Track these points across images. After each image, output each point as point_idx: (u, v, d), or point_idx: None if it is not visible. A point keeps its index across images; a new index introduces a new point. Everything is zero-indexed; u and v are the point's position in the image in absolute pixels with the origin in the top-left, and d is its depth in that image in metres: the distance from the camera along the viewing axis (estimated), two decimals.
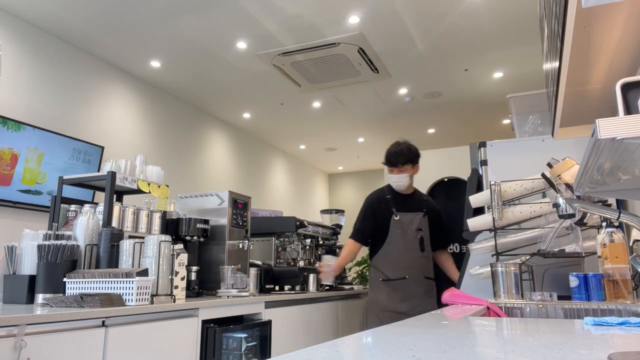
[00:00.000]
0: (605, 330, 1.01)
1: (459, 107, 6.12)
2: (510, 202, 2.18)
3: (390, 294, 2.83)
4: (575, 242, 2.01)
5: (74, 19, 3.95)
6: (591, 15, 1.10)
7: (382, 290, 2.85)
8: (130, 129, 4.96)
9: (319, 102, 5.87)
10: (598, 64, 1.36)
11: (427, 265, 2.93)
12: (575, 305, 1.70)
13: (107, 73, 4.74)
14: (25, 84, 3.94)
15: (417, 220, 2.94)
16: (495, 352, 0.76)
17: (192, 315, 2.26)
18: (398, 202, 2.97)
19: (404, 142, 3.00)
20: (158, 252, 2.16)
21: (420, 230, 2.92)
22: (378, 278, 2.90)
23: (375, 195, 3.06)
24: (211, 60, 4.69)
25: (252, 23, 4.02)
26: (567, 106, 1.62)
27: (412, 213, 2.94)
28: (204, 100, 5.79)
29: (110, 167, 2.52)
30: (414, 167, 2.98)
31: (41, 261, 2.08)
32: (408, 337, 0.93)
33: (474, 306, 1.66)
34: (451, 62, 4.84)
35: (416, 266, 2.87)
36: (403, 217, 2.92)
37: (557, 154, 2.12)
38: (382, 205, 2.96)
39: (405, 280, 2.83)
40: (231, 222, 2.96)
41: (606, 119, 0.74)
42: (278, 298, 2.93)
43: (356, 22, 4.03)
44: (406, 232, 2.90)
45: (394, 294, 2.82)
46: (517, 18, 4.00)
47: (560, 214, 1.88)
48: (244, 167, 6.88)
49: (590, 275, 1.78)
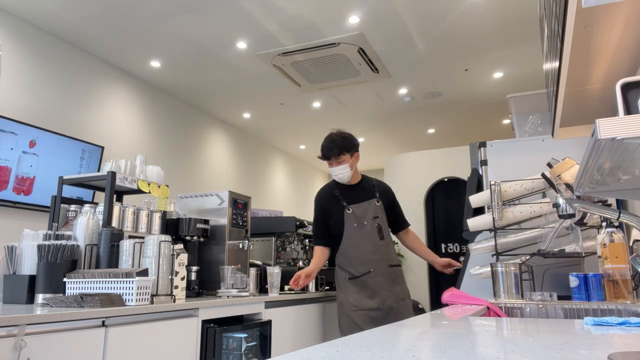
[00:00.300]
0: (605, 330, 1.01)
1: (459, 107, 6.12)
2: (510, 202, 2.18)
3: (359, 292, 2.71)
4: (575, 242, 2.02)
5: (74, 19, 3.95)
6: (591, 15, 1.10)
7: (350, 290, 2.73)
8: (130, 129, 4.96)
9: (319, 102, 5.87)
10: (598, 64, 1.36)
11: (389, 252, 2.80)
12: (575, 305, 1.70)
13: (107, 73, 4.74)
14: (25, 84, 3.94)
15: (372, 208, 2.79)
16: (495, 352, 0.76)
17: (192, 315, 2.26)
18: (347, 194, 2.82)
19: (337, 132, 2.83)
20: (158, 252, 2.16)
21: (377, 217, 2.78)
22: (344, 277, 2.78)
23: (322, 194, 2.92)
24: (211, 60, 4.69)
25: (252, 23, 4.02)
26: (567, 106, 1.63)
27: (364, 202, 2.80)
28: (204, 100, 5.79)
29: (110, 167, 2.52)
30: (353, 156, 2.81)
31: (41, 261, 2.08)
32: (408, 337, 0.93)
33: (474, 306, 1.66)
34: (451, 62, 4.84)
35: (378, 257, 2.74)
36: (356, 209, 2.78)
37: (557, 154, 2.12)
38: (332, 202, 2.83)
39: (371, 273, 2.71)
40: (231, 222, 2.96)
41: (606, 119, 0.74)
42: (278, 298, 2.93)
43: (356, 22, 4.03)
44: (362, 223, 2.76)
45: (362, 291, 2.71)
46: (517, 18, 4.00)
47: (560, 214, 1.88)
48: (244, 167, 6.88)
49: (590, 275, 1.78)
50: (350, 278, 2.76)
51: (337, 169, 2.79)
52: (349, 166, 2.79)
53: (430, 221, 5.79)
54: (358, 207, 2.78)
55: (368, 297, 2.70)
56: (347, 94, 5.61)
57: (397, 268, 2.82)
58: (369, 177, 2.97)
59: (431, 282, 5.61)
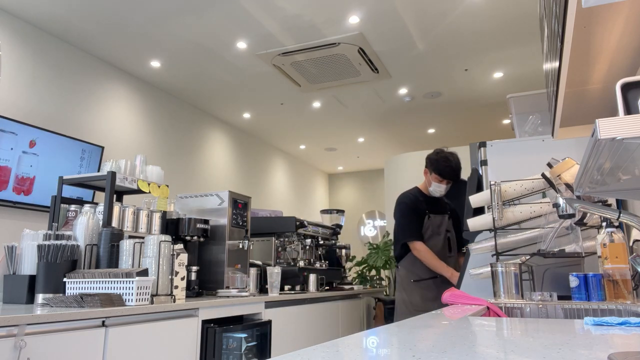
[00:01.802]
0: (605, 330, 1.01)
1: (459, 107, 6.12)
2: (510, 202, 2.18)
3: (423, 295, 2.86)
4: (575, 242, 2.01)
5: (74, 19, 3.95)
6: (591, 15, 1.10)
7: (415, 292, 2.88)
8: (130, 129, 4.96)
9: (319, 102, 5.87)
10: (598, 64, 1.36)
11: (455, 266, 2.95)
12: (575, 305, 1.70)
13: (107, 73, 4.74)
14: (25, 84, 3.94)
15: (445, 221, 3.02)
16: (495, 352, 0.76)
17: (192, 315, 2.26)
18: (429, 203, 3.04)
19: (454, 156, 3.02)
20: (158, 252, 2.16)
21: (448, 231, 3.00)
22: (409, 279, 2.93)
23: (410, 196, 3.10)
24: (211, 60, 4.69)
25: (252, 23, 4.02)
26: (567, 106, 1.62)
27: (440, 215, 3.02)
28: (204, 100, 5.79)
29: (110, 167, 2.52)
30: None
31: (41, 261, 2.08)
32: (408, 337, 0.93)
33: (474, 306, 1.66)
34: (451, 62, 4.84)
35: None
36: (434, 218, 2.99)
37: (557, 154, 2.12)
38: (417, 206, 3.02)
39: (437, 279, 2.86)
40: (231, 222, 2.96)
41: (606, 119, 0.74)
42: (278, 298, 2.93)
43: (356, 22, 4.03)
44: (436, 233, 2.96)
45: (426, 294, 2.85)
46: (517, 18, 4.00)
47: (560, 214, 1.88)
48: (244, 167, 6.88)
49: (590, 275, 1.78)
50: (416, 280, 2.89)
51: (446, 188, 2.97)
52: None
53: None
54: (436, 217, 3.00)
55: (431, 300, 2.81)
56: (347, 94, 5.61)
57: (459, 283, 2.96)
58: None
59: None
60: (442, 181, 2.97)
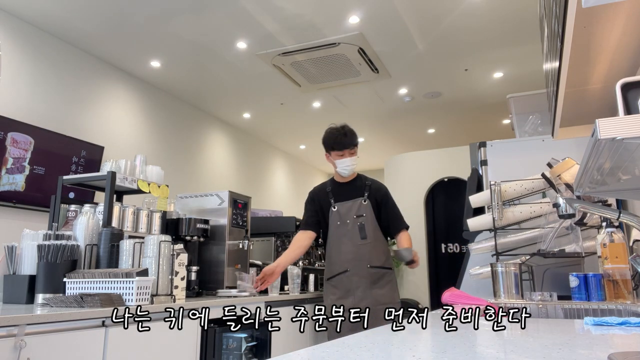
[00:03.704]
0: (605, 330, 1.01)
1: (459, 107, 6.12)
2: (510, 202, 2.18)
3: (335, 292, 2.65)
4: (575, 242, 2.02)
5: (74, 19, 3.95)
6: (591, 15, 1.10)
7: (328, 290, 2.70)
8: (130, 129, 4.96)
9: (319, 102, 5.87)
10: (598, 64, 1.36)
11: (372, 253, 2.68)
12: (575, 305, 1.70)
13: (107, 73, 4.74)
14: (25, 84, 3.94)
15: (356, 207, 2.73)
16: (495, 352, 0.76)
17: (192, 315, 2.26)
18: (337, 192, 2.80)
19: (343, 125, 2.85)
20: (158, 252, 2.16)
21: (361, 216, 2.72)
22: (325, 278, 2.75)
23: (315, 189, 2.91)
24: (211, 60, 4.69)
25: (252, 23, 4.02)
26: (567, 106, 1.63)
27: (350, 201, 2.76)
28: (204, 101, 5.79)
29: (110, 167, 2.52)
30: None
31: (41, 261, 2.08)
32: (408, 337, 0.93)
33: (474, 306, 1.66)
34: (451, 62, 4.84)
35: (357, 256, 2.66)
36: (341, 207, 2.75)
37: (557, 154, 2.12)
38: (322, 197, 2.80)
39: (347, 273, 2.64)
40: (231, 222, 2.96)
41: (606, 119, 0.74)
42: (278, 298, 2.93)
43: (356, 22, 4.03)
44: (345, 221, 2.71)
45: (337, 292, 2.65)
46: (517, 18, 4.00)
47: (560, 214, 1.88)
48: (244, 167, 6.88)
49: (590, 275, 1.78)
50: (328, 278, 2.71)
51: (350, 160, 2.75)
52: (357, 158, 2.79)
53: (430, 221, 5.79)
54: (343, 205, 2.75)
55: (341, 297, 2.62)
56: (347, 94, 5.61)
57: (382, 270, 2.69)
58: (365, 177, 2.91)
59: (431, 282, 5.61)
60: (340, 154, 2.75)
